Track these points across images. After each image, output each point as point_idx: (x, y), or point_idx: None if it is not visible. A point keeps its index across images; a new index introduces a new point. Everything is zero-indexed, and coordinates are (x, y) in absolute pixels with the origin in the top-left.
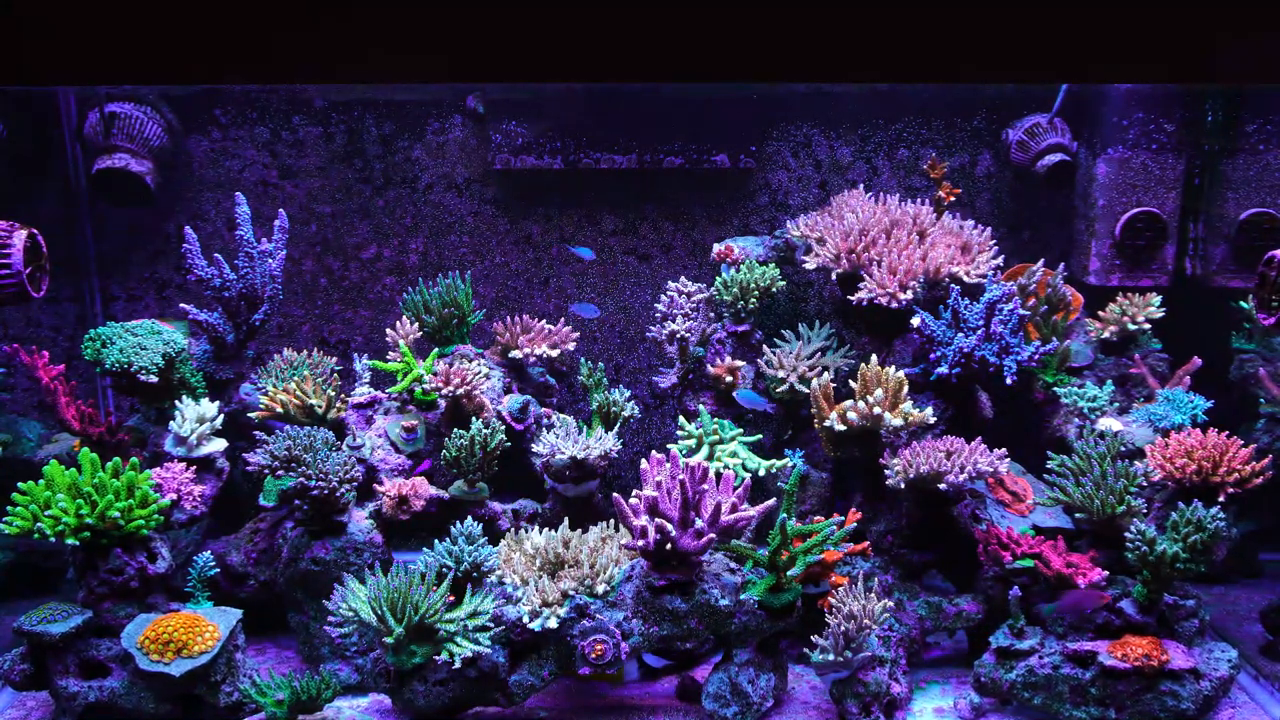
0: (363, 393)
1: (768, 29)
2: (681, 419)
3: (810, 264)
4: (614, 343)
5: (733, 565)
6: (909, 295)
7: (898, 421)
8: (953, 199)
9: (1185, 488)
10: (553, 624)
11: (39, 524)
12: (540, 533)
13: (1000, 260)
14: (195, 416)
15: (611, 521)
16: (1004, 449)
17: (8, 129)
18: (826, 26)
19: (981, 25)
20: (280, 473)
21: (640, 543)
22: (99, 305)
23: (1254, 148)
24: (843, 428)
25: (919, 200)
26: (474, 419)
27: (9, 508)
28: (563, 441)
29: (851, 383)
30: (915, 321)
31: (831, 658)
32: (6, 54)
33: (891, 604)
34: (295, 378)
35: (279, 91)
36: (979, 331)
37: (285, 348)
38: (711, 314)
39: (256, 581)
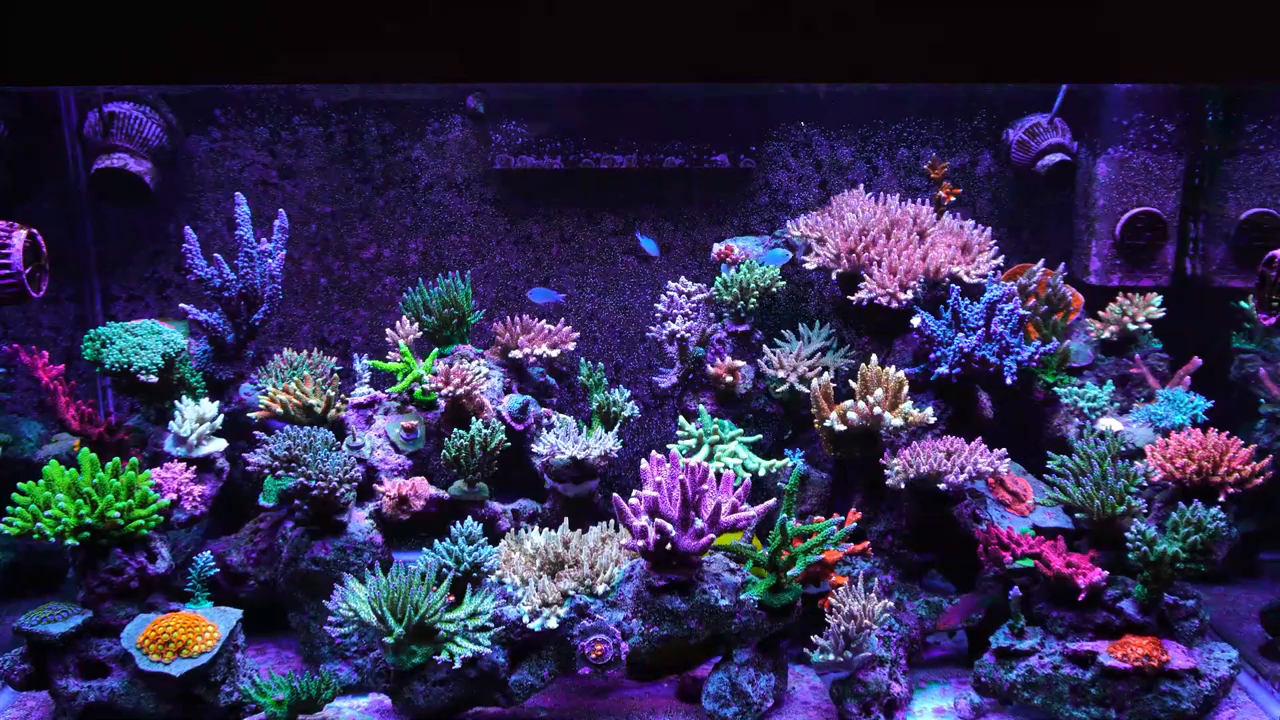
0: (363, 393)
1: (768, 29)
2: (681, 419)
3: (810, 264)
4: (614, 343)
5: (733, 565)
6: (909, 295)
7: (898, 421)
8: (953, 199)
9: (1185, 488)
10: (553, 624)
11: (39, 524)
12: (540, 533)
13: (1000, 260)
14: (195, 416)
15: (611, 521)
16: (1004, 449)
17: (8, 129)
18: (827, 26)
19: (981, 25)
20: (280, 473)
21: (640, 543)
22: (99, 305)
23: (1254, 148)
24: (843, 428)
25: (919, 200)
26: (474, 419)
27: (9, 508)
28: (563, 441)
29: (851, 383)
30: (915, 321)
31: (831, 658)
32: (6, 54)
33: (891, 604)
34: (295, 378)
35: (279, 91)
36: (979, 331)
37: (285, 348)
38: (711, 314)
39: (256, 581)
